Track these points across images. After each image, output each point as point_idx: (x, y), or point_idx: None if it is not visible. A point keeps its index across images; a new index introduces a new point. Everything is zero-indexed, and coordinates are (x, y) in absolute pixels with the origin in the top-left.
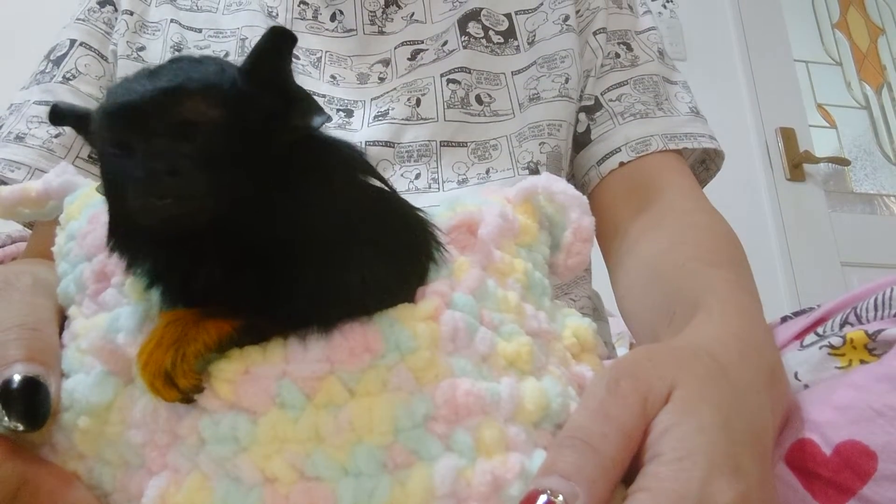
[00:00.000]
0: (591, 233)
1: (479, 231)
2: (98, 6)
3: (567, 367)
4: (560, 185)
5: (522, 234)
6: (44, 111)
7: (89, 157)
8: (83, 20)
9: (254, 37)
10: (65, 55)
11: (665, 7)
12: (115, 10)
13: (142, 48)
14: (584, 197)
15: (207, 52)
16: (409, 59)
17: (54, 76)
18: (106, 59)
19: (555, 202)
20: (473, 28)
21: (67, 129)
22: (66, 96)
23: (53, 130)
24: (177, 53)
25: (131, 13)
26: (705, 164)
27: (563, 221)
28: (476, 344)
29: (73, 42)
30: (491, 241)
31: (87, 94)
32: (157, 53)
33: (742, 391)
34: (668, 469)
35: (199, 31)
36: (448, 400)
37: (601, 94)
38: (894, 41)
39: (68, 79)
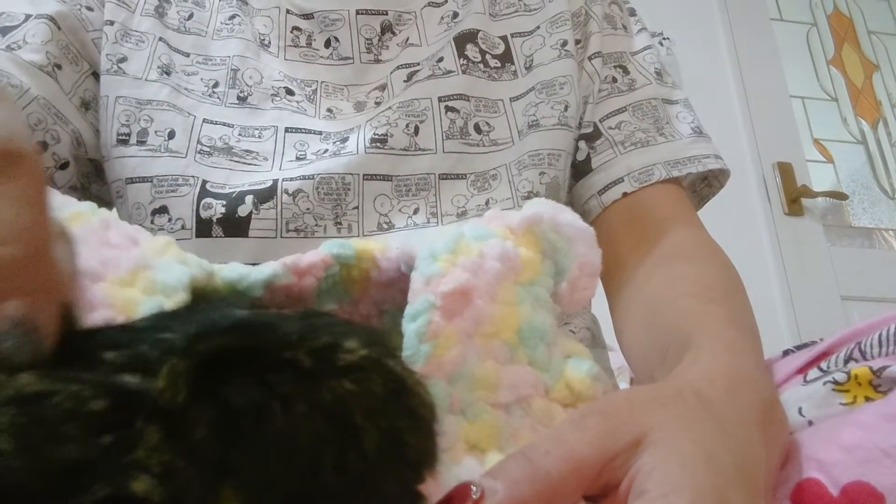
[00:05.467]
0: (598, 268)
1: (472, 296)
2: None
3: (549, 424)
4: (567, 216)
5: (524, 271)
6: None
7: None
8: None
9: (246, 69)
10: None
11: (661, 44)
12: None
13: (123, 59)
14: (591, 229)
15: (195, 78)
16: (405, 81)
17: None
18: (57, 26)
19: (561, 233)
20: (471, 51)
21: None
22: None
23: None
24: (165, 77)
25: (112, 23)
26: (707, 180)
27: (566, 249)
28: None
29: (27, 16)
30: (486, 295)
31: (29, 63)
32: (141, 68)
33: (728, 426)
34: None
35: (187, 55)
36: None
37: (600, 122)
38: (889, 77)
39: (12, 48)
